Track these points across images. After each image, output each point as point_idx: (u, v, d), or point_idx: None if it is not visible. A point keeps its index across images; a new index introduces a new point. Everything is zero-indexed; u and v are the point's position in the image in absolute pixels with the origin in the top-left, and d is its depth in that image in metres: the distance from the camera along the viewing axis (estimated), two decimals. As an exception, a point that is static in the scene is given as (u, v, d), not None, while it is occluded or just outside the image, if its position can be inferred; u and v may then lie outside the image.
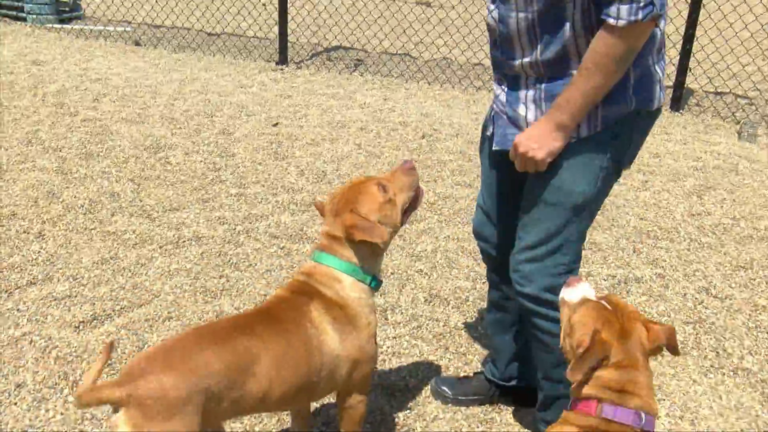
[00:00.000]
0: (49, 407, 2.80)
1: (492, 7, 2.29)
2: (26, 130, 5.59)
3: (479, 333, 3.39)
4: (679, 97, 6.87)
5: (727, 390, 3.07)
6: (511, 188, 2.53)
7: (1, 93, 6.42)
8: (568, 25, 2.13)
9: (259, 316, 2.20)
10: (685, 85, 6.95)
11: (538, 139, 2.21)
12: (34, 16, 9.08)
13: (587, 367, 1.83)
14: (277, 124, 6.05)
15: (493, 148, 2.41)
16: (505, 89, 2.35)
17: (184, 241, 4.06)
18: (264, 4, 9.50)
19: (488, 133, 2.48)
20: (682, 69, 6.74)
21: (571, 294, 2.05)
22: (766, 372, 3.18)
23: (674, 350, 1.95)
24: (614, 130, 2.24)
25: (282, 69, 7.71)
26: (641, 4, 1.98)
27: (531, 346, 2.58)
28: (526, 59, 2.24)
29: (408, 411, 2.89)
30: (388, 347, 3.26)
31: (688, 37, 6.64)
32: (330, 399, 2.71)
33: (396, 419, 2.84)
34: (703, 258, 4.13)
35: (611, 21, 2.01)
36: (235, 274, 3.77)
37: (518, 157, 2.27)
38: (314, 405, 2.80)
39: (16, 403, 2.82)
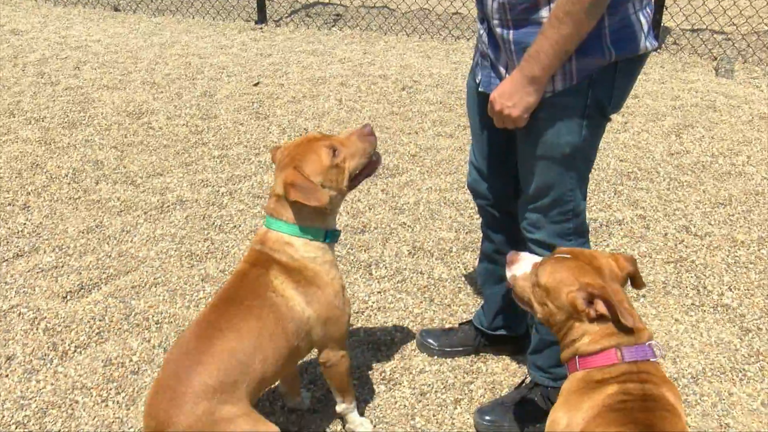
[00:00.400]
0: (39, 378, 2.75)
1: None
2: (8, 101, 5.44)
3: (463, 284, 3.34)
4: (656, 36, 6.73)
5: (708, 327, 3.04)
6: (502, 138, 2.44)
7: (-19, 65, 6.24)
8: None
9: (225, 305, 2.12)
10: (662, 24, 6.81)
11: (511, 95, 2.11)
12: (11, -14, 8.79)
13: (630, 309, 1.76)
14: (258, 83, 5.91)
15: (479, 89, 2.32)
16: (486, 29, 2.24)
17: (168, 206, 3.97)
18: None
19: (477, 81, 2.37)
20: (659, 7, 6.58)
21: (518, 269, 1.97)
22: (744, 307, 3.15)
23: (637, 280, 1.90)
24: (593, 79, 2.14)
25: (261, 28, 7.52)
26: None
27: None
28: (496, 1, 2.12)
29: (394, 365, 2.85)
30: (373, 302, 3.21)
31: (664, -24, 6.49)
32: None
33: (383, 374, 2.81)
34: (683, 197, 4.08)
35: None
36: (219, 237, 3.70)
37: (495, 115, 2.18)
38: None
39: (7, 375, 2.77)
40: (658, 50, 6.69)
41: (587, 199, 2.44)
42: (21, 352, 2.88)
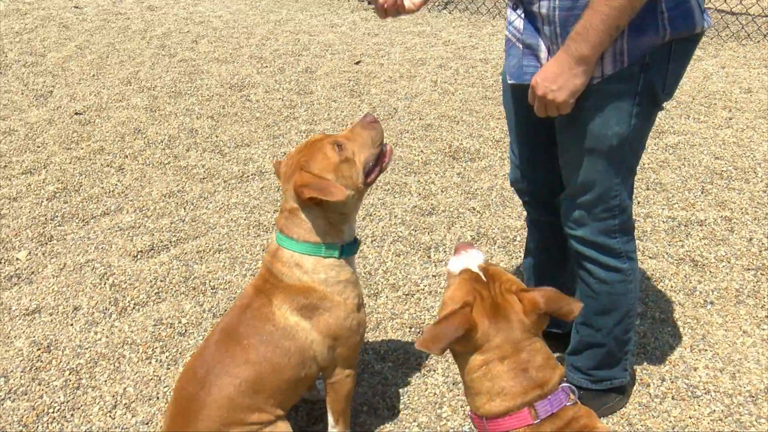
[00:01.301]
0: (97, 330, 2.82)
1: None
2: (129, 71, 5.66)
3: (520, 273, 3.13)
4: (783, 28, 6.08)
5: (779, 343, 2.69)
6: (539, 131, 2.22)
7: (115, 37, 6.53)
8: None
9: (224, 344, 1.97)
10: (791, 15, 6.16)
11: (556, 77, 1.85)
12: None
13: (444, 340, 1.48)
14: (359, 62, 5.84)
15: (508, 81, 2.08)
16: (521, 13, 2.00)
17: (247, 176, 3.99)
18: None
19: (508, 75, 2.13)
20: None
21: (455, 264, 1.72)
22: (825, 326, 2.77)
23: (563, 314, 1.57)
24: (645, 62, 1.89)
25: (374, 8, 7.42)
26: None
27: (577, 290, 2.32)
28: None
29: (431, 350, 2.71)
30: (425, 285, 3.07)
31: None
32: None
33: (419, 360, 2.67)
34: (779, 200, 3.65)
35: None
36: (290, 209, 3.66)
37: (537, 100, 1.93)
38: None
39: (71, 324, 2.86)
40: (784, 42, 6.05)
41: (671, 197, 2.19)
42: (86, 304, 2.97)
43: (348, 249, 2.05)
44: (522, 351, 1.53)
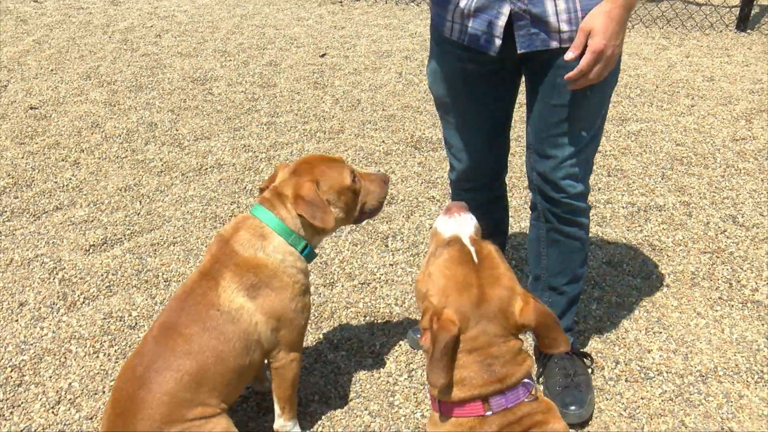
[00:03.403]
0: (44, 325, 2.76)
1: None
2: (89, 65, 5.57)
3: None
4: (747, 17, 6.13)
5: (732, 323, 2.69)
6: (503, 112, 2.22)
7: (76, 31, 6.43)
8: None
9: (165, 335, 1.92)
10: (755, 2, 6.20)
11: (617, 33, 1.79)
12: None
13: (447, 363, 1.42)
14: (324, 54, 5.80)
15: (519, 51, 1.96)
16: None
17: (206, 169, 3.93)
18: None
19: (496, 46, 1.97)
20: (750, -14, 5.99)
21: (444, 224, 1.62)
22: (778, 306, 2.78)
23: (546, 344, 1.49)
24: None
25: (341, 2, 7.39)
26: None
27: (556, 252, 2.30)
28: None
29: (385, 340, 2.68)
30: (382, 275, 3.04)
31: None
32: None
33: (372, 348, 2.64)
34: (737, 185, 3.66)
35: None
36: (247, 201, 3.62)
37: (604, 61, 1.82)
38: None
39: (16, 320, 2.80)
40: (748, 31, 6.09)
41: (631, 183, 2.21)
42: (33, 299, 2.90)
43: (309, 252, 2.08)
44: (493, 346, 1.47)
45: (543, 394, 1.58)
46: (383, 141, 4.22)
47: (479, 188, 2.43)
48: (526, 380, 1.49)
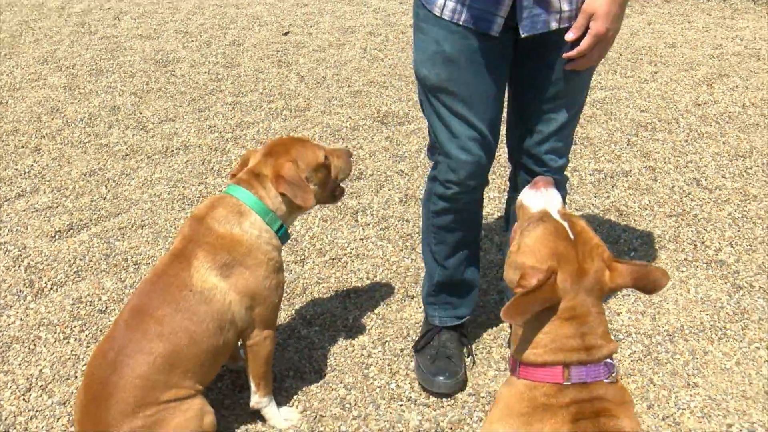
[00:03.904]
0: (10, 313, 2.72)
1: None
2: (46, 49, 5.45)
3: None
4: (706, -17, 6.19)
5: (697, 283, 2.75)
6: (503, 88, 2.10)
7: (29, 14, 6.29)
8: None
9: (137, 319, 1.90)
10: (713, -30, 6.27)
11: (618, 16, 1.78)
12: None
13: (530, 312, 1.41)
14: (287, 33, 5.75)
15: (522, 35, 1.88)
16: None
17: (171, 151, 3.89)
18: None
19: (497, 25, 1.88)
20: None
21: (532, 199, 1.60)
22: (741, 263, 2.84)
23: (649, 289, 1.49)
24: None
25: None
26: None
27: None
28: None
29: (358, 314, 2.69)
30: (352, 249, 3.05)
31: None
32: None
33: (345, 322, 2.66)
34: (700, 149, 3.72)
35: None
36: (215, 181, 3.59)
37: (605, 42, 1.82)
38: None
39: (-16, 310, 2.76)
40: (707, -3, 6.17)
41: (597, 150, 2.20)
42: None
43: (284, 233, 2.10)
44: (590, 315, 1.45)
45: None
46: (350, 117, 4.21)
47: (482, 184, 2.23)
48: (608, 360, 1.47)
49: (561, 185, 2.23)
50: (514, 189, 2.30)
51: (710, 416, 2.20)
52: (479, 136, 2.05)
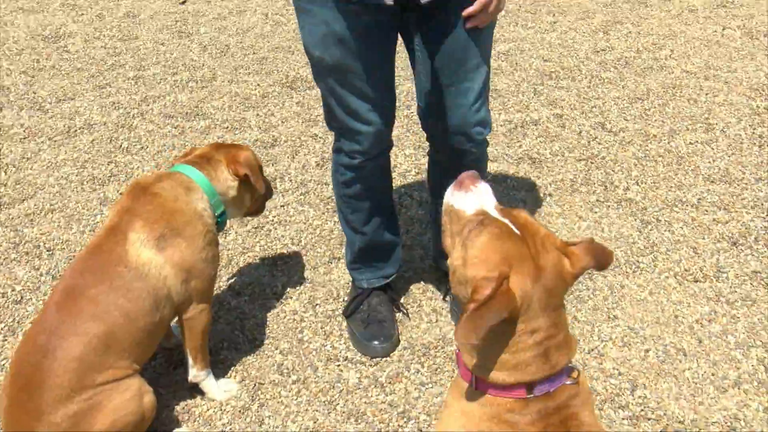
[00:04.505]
0: None
1: None
2: None
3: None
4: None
5: (610, 222, 2.89)
6: (395, 47, 2.08)
7: None
8: None
9: (70, 299, 1.86)
10: None
11: None
12: None
13: (486, 327, 1.24)
14: (184, 2, 5.55)
15: (423, 1, 1.85)
16: None
17: (74, 131, 3.73)
18: None
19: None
20: None
21: (464, 201, 1.43)
22: (648, 200, 2.99)
23: (602, 265, 1.39)
24: None
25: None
26: None
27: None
28: None
29: (286, 280, 2.69)
30: (274, 216, 3.03)
31: None
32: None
33: (274, 290, 2.65)
34: (602, 94, 3.86)
35: None
36: (125, 159, 3.47)
37: (495, 5, 1.84)
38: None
39: None
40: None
41: (506, 101, 2.20)
42: None
43: (223, 221, 2.17)
44: (551, 322, 1.33)
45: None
46: (258, 84, 4.14)
47: (387, 149, 2.27)
48: (571, 364, 1.40)
49: (484, 163, 2.26)
50: (436, 165, 2.35)
51: (630, 345, 2.34)
52: (378, 105, 2.05)
